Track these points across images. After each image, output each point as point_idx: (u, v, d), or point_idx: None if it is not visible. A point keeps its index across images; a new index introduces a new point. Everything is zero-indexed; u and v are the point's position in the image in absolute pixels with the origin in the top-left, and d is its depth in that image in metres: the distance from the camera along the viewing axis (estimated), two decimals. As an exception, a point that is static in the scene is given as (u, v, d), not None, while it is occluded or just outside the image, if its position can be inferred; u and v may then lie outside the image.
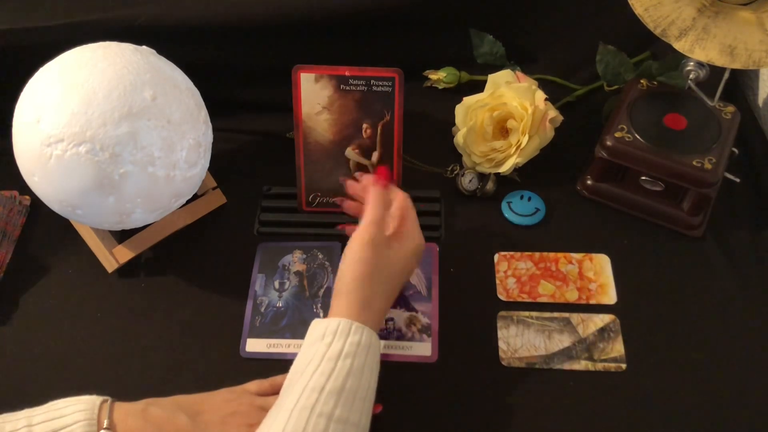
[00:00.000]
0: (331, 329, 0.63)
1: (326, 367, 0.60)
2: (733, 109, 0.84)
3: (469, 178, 0.88)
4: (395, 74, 0.80)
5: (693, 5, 0.76)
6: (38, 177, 0.71)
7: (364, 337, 0.63)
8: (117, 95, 0.69)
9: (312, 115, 0.83)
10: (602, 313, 0.78)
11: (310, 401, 0.58)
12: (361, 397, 0.60)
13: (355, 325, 0.63)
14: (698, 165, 0.78)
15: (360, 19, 0.94)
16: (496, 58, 0.98)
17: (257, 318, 0.79)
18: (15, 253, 0.86)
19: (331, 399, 0.58)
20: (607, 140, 0.82)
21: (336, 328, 0.63)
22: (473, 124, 0.88)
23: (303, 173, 0.86)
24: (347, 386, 0.59)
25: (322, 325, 0.64)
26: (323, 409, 0.57)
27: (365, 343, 0.63)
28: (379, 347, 0.65)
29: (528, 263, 0.82)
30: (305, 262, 0.84)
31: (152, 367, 0.76)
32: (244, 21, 0.91)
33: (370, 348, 0.63)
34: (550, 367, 0.74)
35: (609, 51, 0.94)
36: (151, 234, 0.84)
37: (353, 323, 0.63)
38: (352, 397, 0.59)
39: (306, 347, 0.63)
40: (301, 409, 0.57)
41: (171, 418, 0.65)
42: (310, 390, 0.58)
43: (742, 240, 0.83)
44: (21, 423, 0.62)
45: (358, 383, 0.60)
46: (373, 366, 0.63)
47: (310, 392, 0.58)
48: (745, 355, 0.74)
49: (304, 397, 0.58)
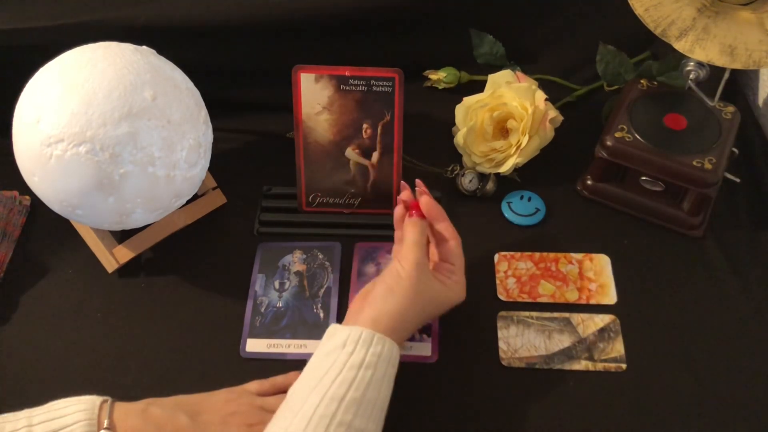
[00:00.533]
0: (353, 338, 0.62)
1: (347, 376, 0.60)
2: (733, 109, 0.84)
3: (469, 178, 0.88)
4: (395, 74, 0.80)
5: (693, 5, 0.76)
6: (38, 177, 0.71)
7: (386, 348, 0.63)
8: (117, 95, 0.69)
9: (312, 115, 0.83)
10: (602, 313, 0.78)
11: (329, 410, 0.57)
12: (379, 408, 0.61)
13: (377, 336, 0.63)
14: (698, 165, 0.78)
15: (360, 19, 0.94)
16: (496, 58, 0.98)
17: (257, 318, 0.79)
18: (15, 253, 0.86)
19: (351, 409, 0.58)
20: (607, 140, 0.82)
21: (358, 337, 0.62)
22: (473, 124, 0.88)
23: (303, 173, 0.86)
24: (367, 397, 0.59)
25: (343, 333, 0.63)
26: (343, 419, 0.57)
27: (387, 354, 0.63)
28: (398, 360, 0.65)
29: (528, 263, 0.82)
30: (305, 262, 0.84)
31: (152, 367, 0.76)
32: (244, 21, 0.91)
33: (390, 359, 0.63)
34: (550, 367, 0.74)
35: (609, 51, 0.94)
36: (151, 234, 0.84)
37: (375, 333, 0.63)
38: (371, 408, 0.59)
39: (325, 353, 0.63)
40: (320, 417, 0.57)
41: (171, 418, 0.65)
42: (330, 398, 0.58)
43: (742, 240, 0.83)
44: (21, 423, 0.62)
45: (377, 394, 0.61)
46: (391, 378, 0.63)
47: (329, 401, 0.58)
48: (745, 354, 0.74)
49: (323, 406, 0.58)
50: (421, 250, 0.70)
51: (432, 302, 0.70)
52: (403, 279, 0.67)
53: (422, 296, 0.68)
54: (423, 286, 0.68)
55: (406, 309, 0.66)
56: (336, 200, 0.87)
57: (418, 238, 0.70)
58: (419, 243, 0.70)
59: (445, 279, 0.71)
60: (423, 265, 0.69)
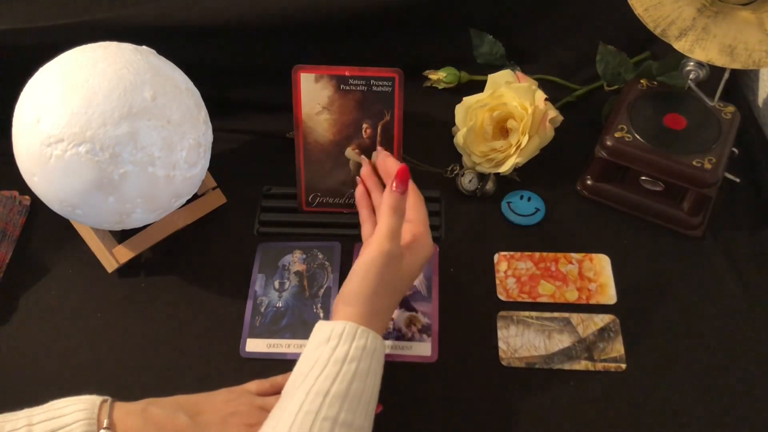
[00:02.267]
0: (337, 332, 0.63)
1: (331, 371, 0.60)
2: (733, 109, 0.84)
3: (469, 178, 0.88)
4: (395, 74, 0.80)
5: (693, 5, 0.76)
6: (38, 177, 0.71)
7: (369, 341, 0.63)
8: (117, 95, 0.69)
9: (312, 115, 0.83)
10: (602, 313, 0.78)
11: (314, 405, 0.57)
12: (365, 401, 0.60)
13: (360, 329, 0.63)
14: (698, 165, 0.78)
15: (360, 19, 0.94)
16: (496, 58, 0.98)
17: (257, 318, 0.79)
18: (15, 253, 0.86)
19: (336, 403, 0.58)
20: (607, 140, 0.82)
21: (342, 332, 0.62)
22: (473, 124, 0.88)
23: (303, 173, 0.86)
24: (352, 390, 0.59)
25: (327, 328, 0.64)
26: (328, 413, 0.57)
27: (371, 347, 0.63)
28: (384, 351, 0.65)
29: (528, 263, 0.82)
30: (305, 262, 0.84)
31: (152, 367, 0.76)
32: (244, 21, 0.91)
33: (375, 352, 0.63)
34: (550, 367, 0.74)
35: (609, 51, 0.94)
36: (151, 234, 0.84)
37: (359, 327, 0.63)
38: (357, 401, 0.59)
39: (310, 349, 0.63)
40: (305, 413, 0.57)
41: (171, 418, 0.65)
42: (315, 394, 0.58)
43: (742, 240, 0.83)
44: (21, 422, 0.62)
45: (363, 387, 0.60)
46: (377, 370, 0.63)
47: (314, 396, 0.58)
48: (745, 354, 0.74)
49: (308, 401, 0.58)
50: (394, 221, 0.67)
51: (406, 273, 0.69)
52: (374, 257, 0.66)
53: (395, 271, 0.67)
54: (395, 261, 0.67)
55: (381, 288, 0.66)
56: (336, 200, 0.87)
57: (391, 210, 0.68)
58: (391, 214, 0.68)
59: (410, 242, 0.70)
60: (394, 236, 0.67)
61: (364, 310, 0.65)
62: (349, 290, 0.66)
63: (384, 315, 0.67)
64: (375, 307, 0.66)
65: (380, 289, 0.66)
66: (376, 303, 0.66)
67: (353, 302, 0.65)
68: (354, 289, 0.66)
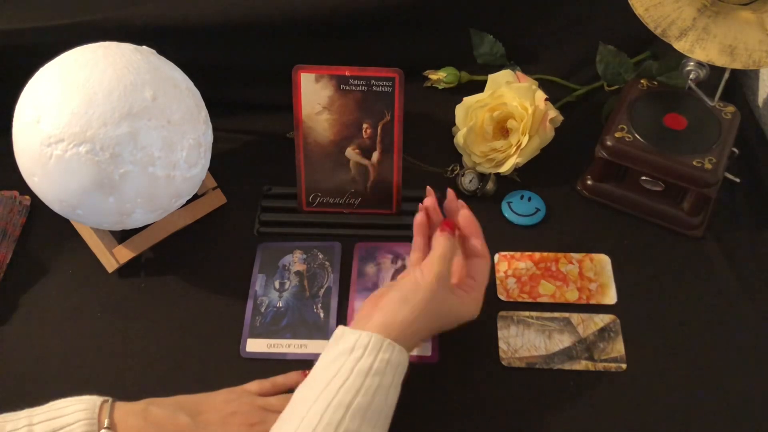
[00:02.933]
0: (362, 343, 0.62)
1: (355, 383, 0.59)
2: (733, 109, 0.84)
3: (469, 178, 0.88)
4: (395, 74, 0.80)
5: (693, 5, 0.76)
6: (38, 177, 0.71)
7: (394, 355, 0.62)
8: (117, 95, 0.69)
9: (312, 115, 0.83)
10: (602, 313, 0.78)
11: (336, 417, 0.57)
12: (385, 416, 0.60)
13: (387, 342, 0.62)
14: (698, 165, 0.78)
15: (360, 19, 0.94)
16: (496, 58, 0.99)
17: (257, 318, 0.79)
18: (15, 253, 0.85)
19: (357, 417, 0.57)
20: (607, 140, 0.82)
21: (367, 343, 0.62)
22: (473, 124, 0.88)
23: (303, 173, 0.86)
24: (374, 404, 0.59)
25: (352, 337, 0.62)
26: (349, 426, 0.57)
27: (395, 361, 0.62)
28: (407, 365, 0.64)
29: (528, 263, 0.82)
30: (305, 262, 0.84)
31: (152, 367, 0.76)
32: (244, 21, 0.91)
33: (399, 366, 0.62)
34: (550, 367, 0.74)
35: (609, 51, 0.94)
36: (151, 234, 0.84)
37: (385, 340, 0.62)
38: (377, 416, 0.59)
39: (332, 357, 0.62)
40: (326, 425, 0.56)
41: (171, 418, 0.65)
42: (336, 405, 0.57)
43: (742, 240, 0.83)
44: (22, 422, 0.62)
45: (384, 402, 0.60)
46: (399, 385, 0.63)
47: (336, 408, 0.57)
48: (745, 354, 0.74)
49: (329, 413, 0.57)
50: (446, 265, 0.69)
51: (445, 317, 0.69)
52: (421, 290, 0.66)
53: (436, 310, 0.67)
54: (440, 300, 0.67)
55: (418, 320, 0.65)
56: (336, 200, 0.87)
57: (447, 254, 0.69)
58: (446, 258, 0.69)
59: (464, 295, 0.70)
60: (444, 279, 0.68)
61: (396, 321, 0.64)
62: (388, 293, 0.66)
63: (414, 338, 0.66)
64: (412, 328, 0.65)
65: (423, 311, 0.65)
66: (413, 324, 0.65)
67: (389, 309, 0.65)
68: (392, 296, 0.66)
